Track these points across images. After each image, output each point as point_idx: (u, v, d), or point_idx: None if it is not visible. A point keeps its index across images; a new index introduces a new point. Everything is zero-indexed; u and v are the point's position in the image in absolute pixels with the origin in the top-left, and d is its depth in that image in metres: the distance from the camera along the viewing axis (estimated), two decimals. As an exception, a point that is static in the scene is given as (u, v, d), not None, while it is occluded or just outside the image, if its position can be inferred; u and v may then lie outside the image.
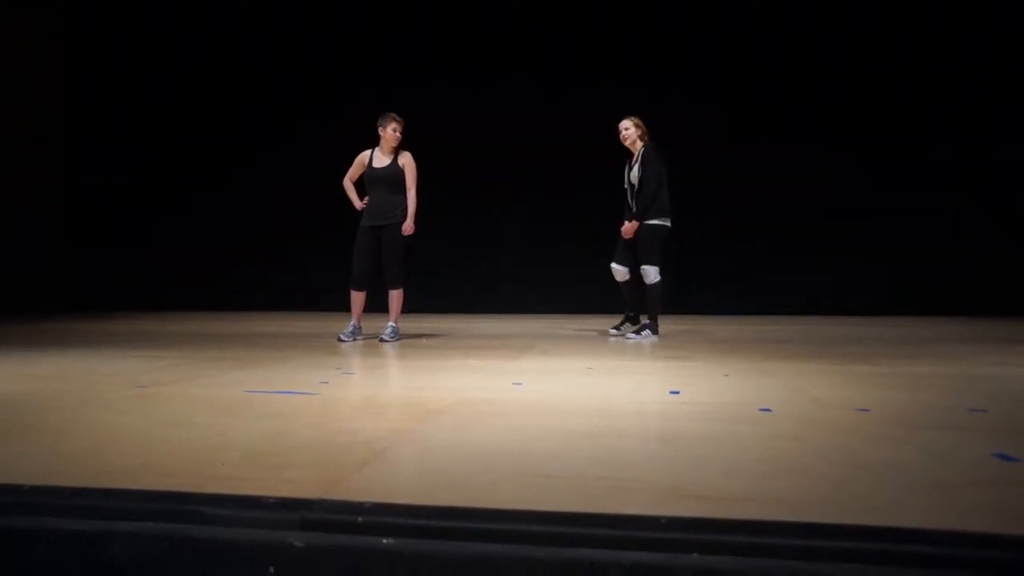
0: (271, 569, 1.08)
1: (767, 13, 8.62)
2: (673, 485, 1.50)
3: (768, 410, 2.34)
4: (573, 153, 8.65)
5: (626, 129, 5.41)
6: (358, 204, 5.22)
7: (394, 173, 5.12)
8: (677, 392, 2.73)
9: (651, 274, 5.27)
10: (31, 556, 1.24)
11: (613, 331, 5.48)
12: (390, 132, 5.08)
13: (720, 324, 6.99)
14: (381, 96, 8.98)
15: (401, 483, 1.53)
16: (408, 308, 5.51)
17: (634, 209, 5.37)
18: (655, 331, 5.34)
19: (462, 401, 2.53)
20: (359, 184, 5.29)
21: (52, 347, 4.59)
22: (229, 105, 9.88)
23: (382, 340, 5.06)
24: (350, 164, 5.32)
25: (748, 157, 8.58)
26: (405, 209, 5.11)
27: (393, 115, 5.12)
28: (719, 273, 8.73)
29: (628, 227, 5.36)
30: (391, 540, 1.08)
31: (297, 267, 9.47)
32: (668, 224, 5.33)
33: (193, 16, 9.89)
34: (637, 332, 5.34)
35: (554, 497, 1.39)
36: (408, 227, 5.09)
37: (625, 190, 5.52)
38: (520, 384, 2.96)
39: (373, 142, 5.23)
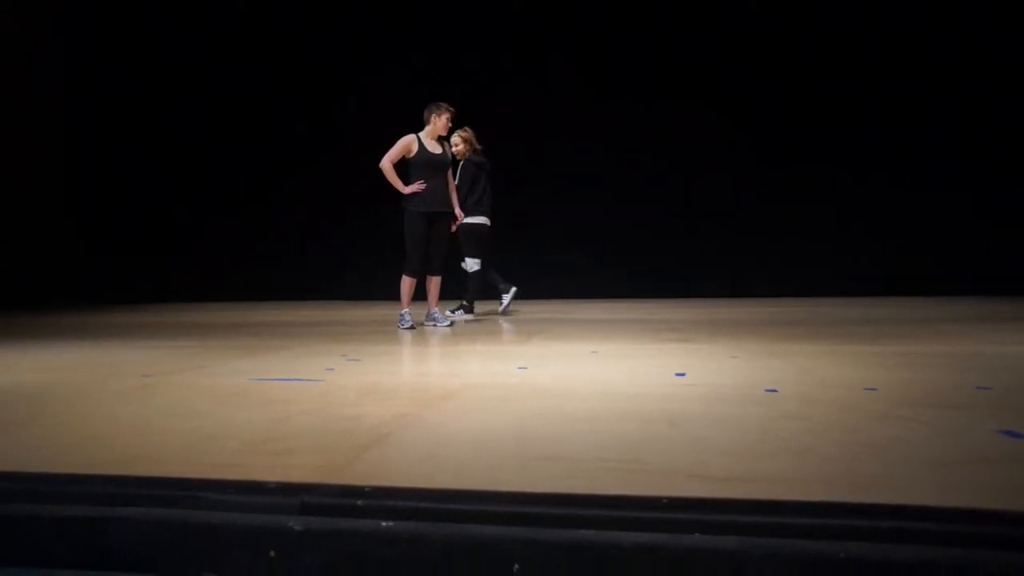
0: (271, 553, 1.08)
1: (766, 13, 8.58)
2: (677, 466, 1.49)
3: (775, 391, 2.32)
4: (584, 144, 8.70)
5: (456, 145, 5.75)
6: (407, 189, 5.00)
7: (449, 161, 5.24)
8: (683, 374, 2.72)
9: (470, 264, 6.06)
10: (31, 542, 1.24)
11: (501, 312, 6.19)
12: (444, 121, 5.13)
13: (728, 308, 6.96)
14: (380, 95, 8.97)
15: (403, 467, 1.52)
16: (416, 294, 5.51)
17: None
18: (469, 311, 6.11)
19: (467, 386, 2.52)
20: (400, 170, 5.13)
21: (58, 339, 4.60)
22: (228, 104, 9.86)
23: (446, 324, 5.19)
24: (349, 156, 5.29)
25: (751, 148, 8.57)
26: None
27: (447, 105, 5.15)
28: (726, 258, 8.71)
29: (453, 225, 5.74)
30: (390, 523, 1.08)
31: (303, 256, 9.48)
32: (484, 222, 5.96)
33: (192, 16, 9.86)
34: (453, 311, 6.02)
35: (555, 479, 1.38)
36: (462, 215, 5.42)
37: None
38: (525, 368, 2.95)
39: (375, 135, 5.19)
